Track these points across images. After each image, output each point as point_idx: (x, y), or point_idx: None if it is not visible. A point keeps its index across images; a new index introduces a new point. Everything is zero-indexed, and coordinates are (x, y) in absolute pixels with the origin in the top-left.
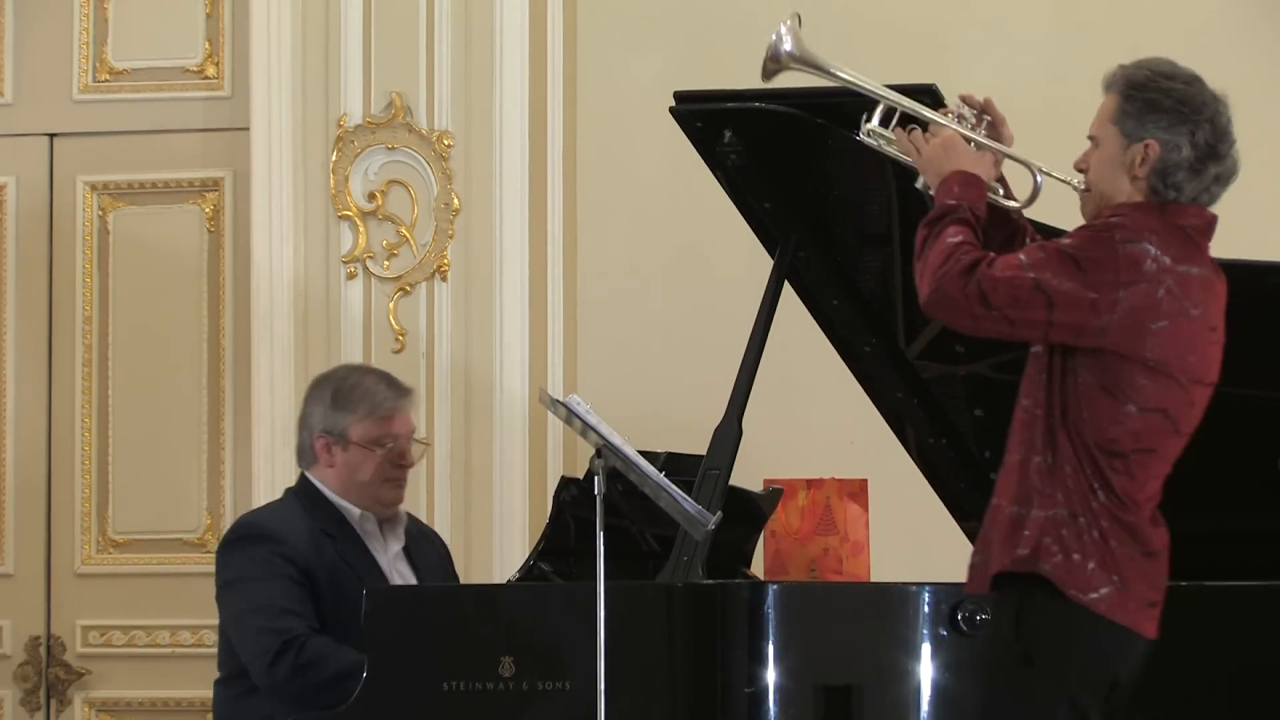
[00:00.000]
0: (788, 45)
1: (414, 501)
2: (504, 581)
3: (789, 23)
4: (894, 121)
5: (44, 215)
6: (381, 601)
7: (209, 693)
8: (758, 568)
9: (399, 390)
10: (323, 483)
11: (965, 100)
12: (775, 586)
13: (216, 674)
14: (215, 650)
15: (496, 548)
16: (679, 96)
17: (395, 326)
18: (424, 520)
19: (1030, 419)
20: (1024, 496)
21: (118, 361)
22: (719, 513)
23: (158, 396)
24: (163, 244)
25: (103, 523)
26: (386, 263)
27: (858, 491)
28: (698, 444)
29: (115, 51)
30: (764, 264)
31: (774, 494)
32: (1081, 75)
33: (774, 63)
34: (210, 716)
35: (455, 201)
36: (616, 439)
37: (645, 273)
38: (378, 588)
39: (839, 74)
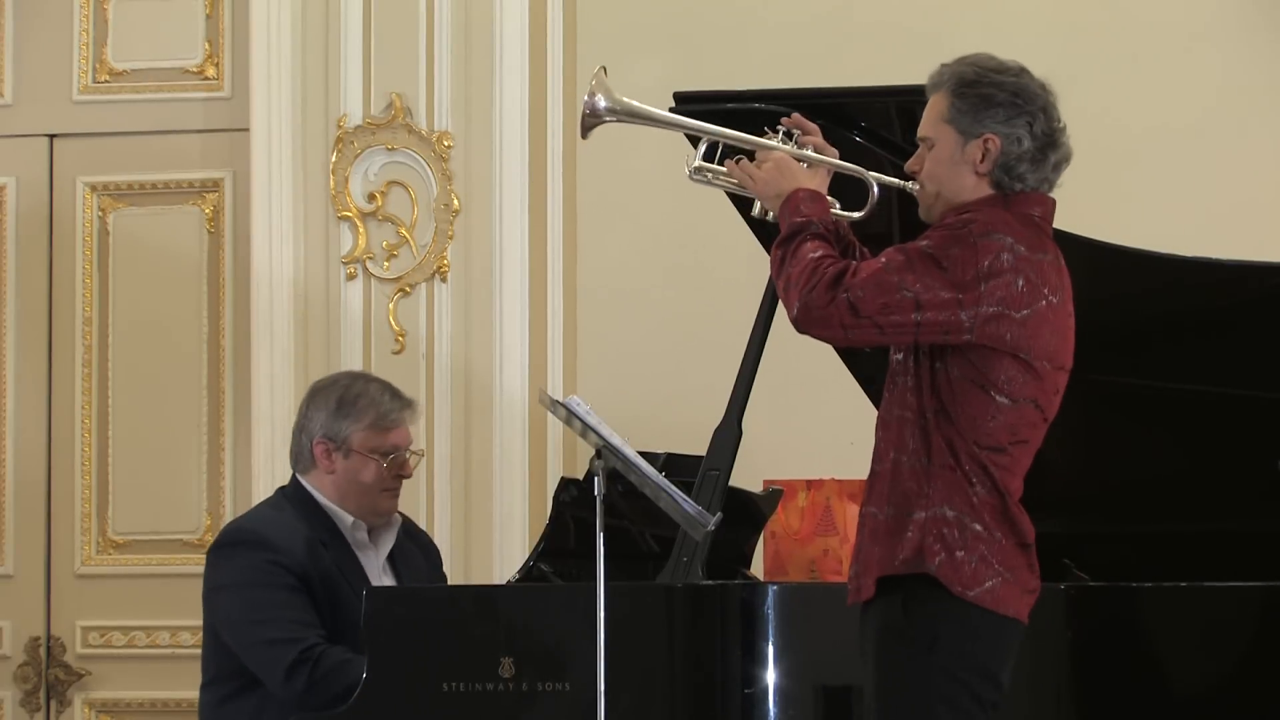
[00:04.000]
0: (602, 101)
1: (414, 503)
2: (504, 582)
3: (595, 81)
4: (719, 154)
5: (44, 216)
6: (382, 602)
7: None
8: (757, 568)
9: (402, 401)
10: (318, 489)
11: (787, 122)
12: (775, 587)
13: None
14: None
15: (496, 548)
16: (678, 97)
17: (395, 327)
18: (423, 521)
19: (900, 424)
20: (899, 500)
21: (118, 362)
22: (719, 514)
23: (158, 396)
24: (163, 244)
25: (102, 523)
26: (386, 263)
27: (858, 492)
28: (698, 444)
29: (115, 52)
30: (763, 265)
31: (774, 495)
32: (1082, 75)
33: (593, 118)
34: None
35: (455, 202)
36: (616, 440)
37: (645, 273)
38: (378, 588)
39: (655, 114)
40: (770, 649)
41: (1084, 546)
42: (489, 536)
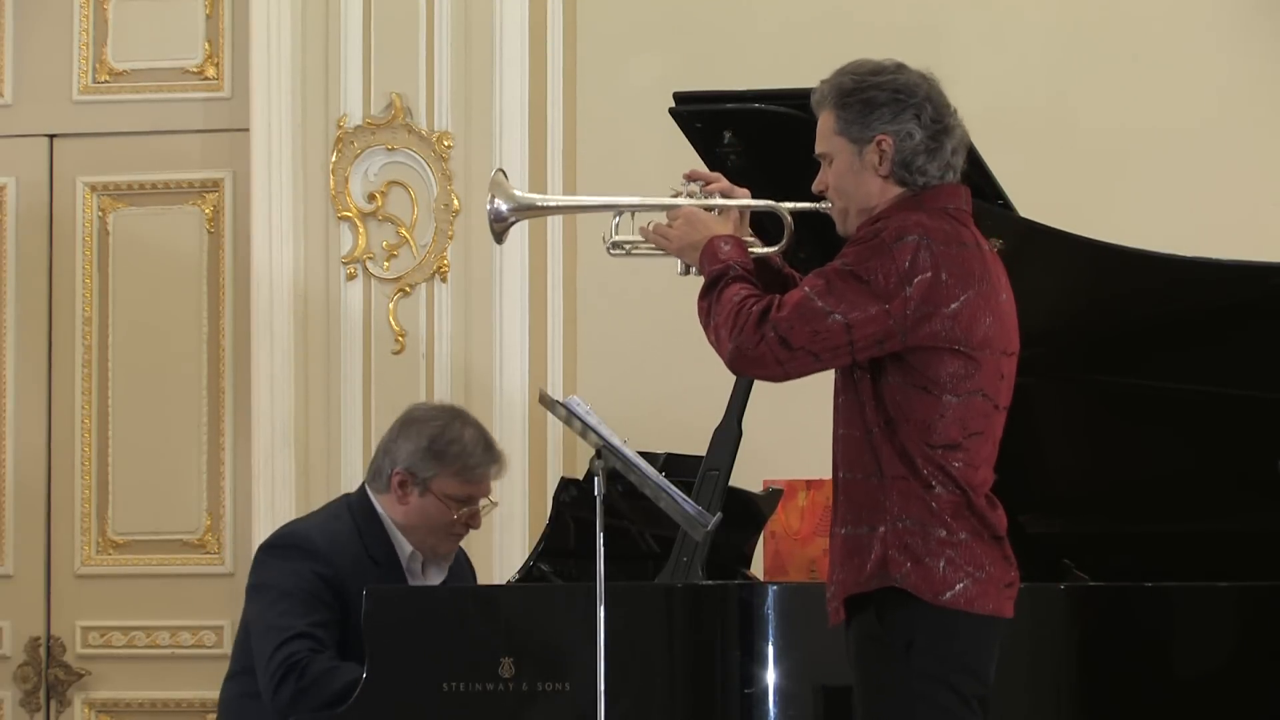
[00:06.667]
0: (503, 205)
1: None
2: (504, 582)
3: (492, 188)
4: (634, 225)
5: (44, 216)
6: (382, 602)
7: (209, 693)
8: (757, 568)
9: (493, 454)
10: (386, 511)
11: (688, 176)
12: (775, 587)
13: (220, 673)
14: (214, 651)
15: (496, 548)
16: (678, 97)
17: (395, 327)
18: None
19: (847, 442)
20: (856, 517)
21: (118, 362)
22: (719, 514)
23: (158, 397)
24: (163, 244)
25: (102, 523)
26: (386, 263)
27: None
28: (698, 444)
29: (115, 52)
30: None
31: (774, 495)
32: (1082, 75)
33: (499, 223)
34: (213, 716)
35: (455, 202)
36: (616, 440)
37: (645, 273)
38: (377, 587)
39: (555, 204)
40: (770, 649)
41: (1084, 546)
42: (489, 536)
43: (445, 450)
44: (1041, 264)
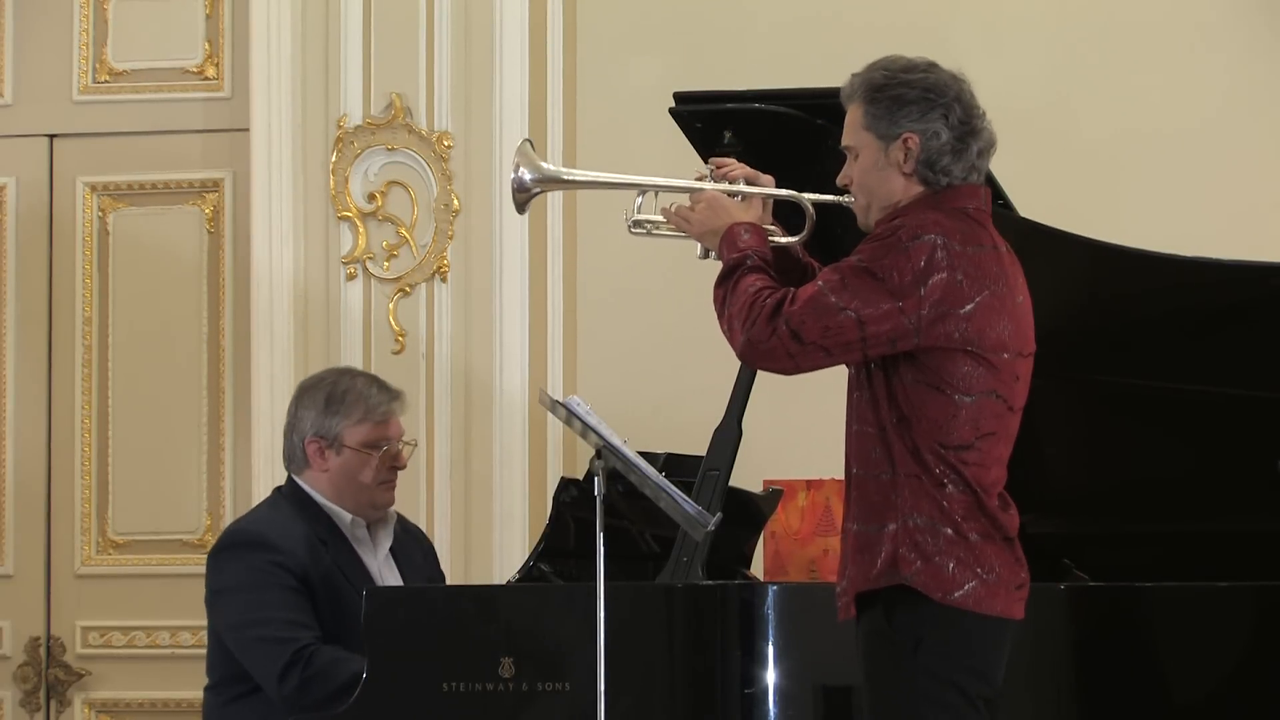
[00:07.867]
0: (527, 175)
1: (414, 502)
2: (504, 582)
3: (518, 157)
4: (656, 205)
5: (44, 216)
6: (381, 602)
7: None
8: (758, 568)
9: (390, 393)
10: (314, 488)
11: (713, 162)
12: (775, 587)
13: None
14: None
15: (496, 548)
16: (679, 97)
17: (395, 327)
18: (423, 520)
19: (860, 438)
20: (867, 514)
21: (118, 362)
22: (719, 514)
23: (158, 396)
24: (163, 245)
25: (102, 524)
26: (386, 264)
27: None
28: (698, 444)
29: (115, 52)
30: None
31: (774, 495)
32: (1082, 75)
33: (522, 193)
34: None
35: (455, 202)
36: (616, 440)
37: (645, 273)
38: (377, 588)
39: (579, 178)
40: (770, 649)
41: (1084, 546)
42: (489, 536)
43: (343, 400)
44: (1041, 264)
